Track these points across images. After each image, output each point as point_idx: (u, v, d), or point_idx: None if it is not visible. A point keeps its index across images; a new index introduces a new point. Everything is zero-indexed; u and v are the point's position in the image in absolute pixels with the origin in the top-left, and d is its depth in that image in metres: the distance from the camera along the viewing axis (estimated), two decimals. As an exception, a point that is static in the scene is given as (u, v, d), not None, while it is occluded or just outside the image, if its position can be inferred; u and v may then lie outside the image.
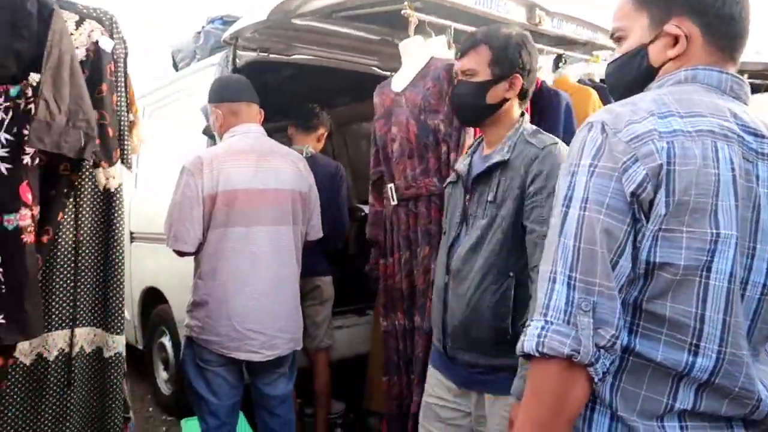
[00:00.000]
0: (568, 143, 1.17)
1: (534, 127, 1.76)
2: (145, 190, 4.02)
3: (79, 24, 1.72)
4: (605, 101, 2.70)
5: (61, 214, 1.90)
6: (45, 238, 1.86)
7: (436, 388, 1.81)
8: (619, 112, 0.97)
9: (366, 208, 3.98)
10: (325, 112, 3.26)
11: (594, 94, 2.69)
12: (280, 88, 3.84)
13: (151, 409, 3.92)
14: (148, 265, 3.87)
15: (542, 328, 0.93)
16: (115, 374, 2.10)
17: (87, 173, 1.98)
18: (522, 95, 1.76)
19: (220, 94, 2.41)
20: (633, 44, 1.09)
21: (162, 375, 3.86)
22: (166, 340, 3.71)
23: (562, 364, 0.91)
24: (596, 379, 0.92)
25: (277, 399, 2.40)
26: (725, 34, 1.04)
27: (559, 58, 2.92)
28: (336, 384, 3.22)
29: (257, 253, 2.26)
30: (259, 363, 2.30)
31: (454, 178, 1.86)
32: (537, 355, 0.93)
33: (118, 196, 2.05)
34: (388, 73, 3.49)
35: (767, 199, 0.97)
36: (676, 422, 0.96)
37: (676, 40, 1.04)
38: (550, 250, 0.97)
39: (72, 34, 1.64)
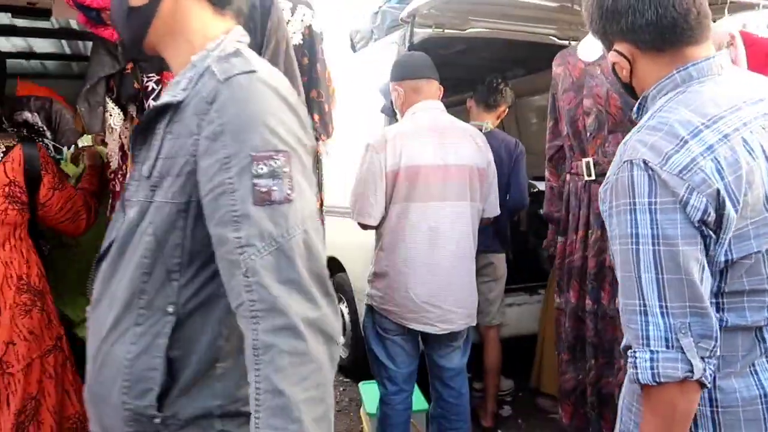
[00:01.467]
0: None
1: (240, 44, 1.07)
2: (338, 163, 4.26)
3: (293, 11, 1.87)
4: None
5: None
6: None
7: None
8: (653, 143, 1.03)
9: (538, 184, 3.88)
10: (509, 87, 3.17)
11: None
12: (453, 63, 3.83)
13: (329, 370, 4.21)
14: (331, 236, 4.11)
15: (651, 359, 1.01)
16: None
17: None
18: None
19: (402, 71, 2.47)
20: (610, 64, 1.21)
21: (339, 340, 4.12)
22: (343, 307, 3.95)
23: (681, 386, 1.00)
24: (707, 383, 1.02)
25: (452, 371, 2.45)
26: (664, 37, 1.10)
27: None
28: (505, 361, 3.20)
29: (436, 228, 2.29)
30: (434, 335, 2.36)
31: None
32: (654, 384, 1.00)
33: (322, 163, 2.20)
34: (567, 42, 3.33)
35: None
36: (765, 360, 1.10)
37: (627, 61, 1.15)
38: (630, 285, 1.03)
39: (288, 21, 1.79)
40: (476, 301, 2.44)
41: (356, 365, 3.82)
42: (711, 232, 1.01)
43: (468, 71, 3.91)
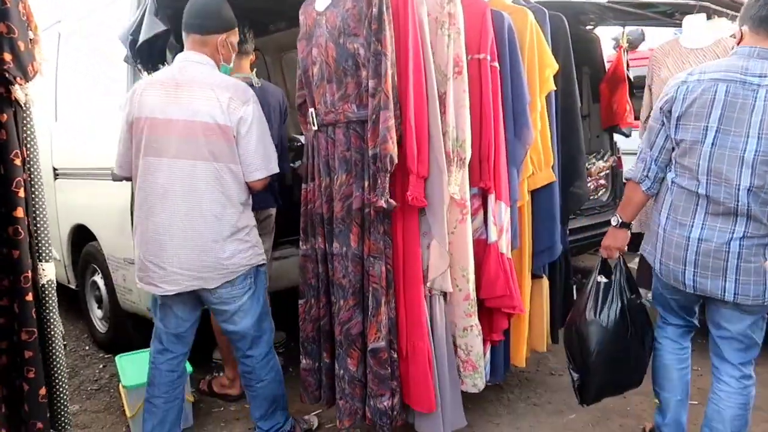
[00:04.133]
0: (513, 62, 2.38)
1: None
2: (67, 124, 3.78)
3: None
4: (542, 25, 2.65)
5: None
6: None
7: None
8: (681, 73, 2.13)
9: (302, 138, 3.89)
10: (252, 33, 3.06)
11: (530, 15, 2.63)
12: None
13: (87, 347, 3.84)
14: (76, 202, 3.70)
15: (631, 169, 2.25)
16: (50, 302, 2.02)
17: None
18: None
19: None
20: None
21: (97, 313, 3.77)
22: (99, 278, 3.60)
23: (632, 183, 2.25)
24: (644, 189, 2.20)
25: (235, 335, 2.41)
26: (760, 27, 1.98)
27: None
28: (277, 314, 3.20)
29: (165, 185, 2.18)
30: (208, 297, 2.29)
31: None
32: (626, 179, 2.29)
33: (30, 113, 1.92)
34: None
35: (761, 107, 1.90)
36: (701, 214, 2.04)
37: (740, 35, 2.05)
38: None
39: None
40: (219, 266, 2.24)
41: (115, 339, 3.53)
42: (665, 119, 2.10)
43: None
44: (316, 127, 2.30)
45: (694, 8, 3.48)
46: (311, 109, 2.30)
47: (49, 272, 2.02)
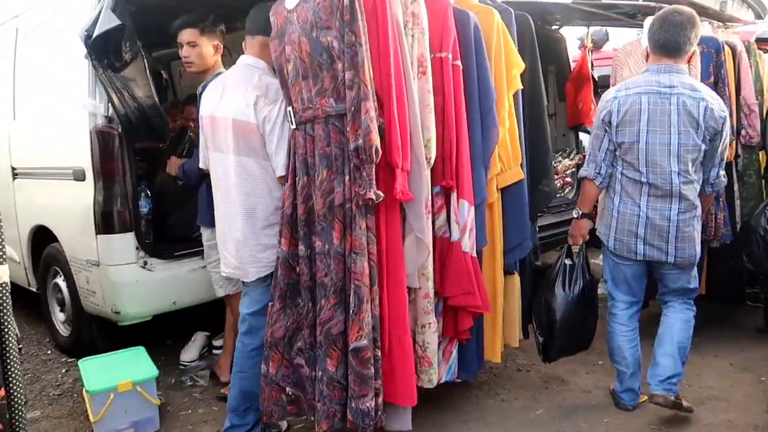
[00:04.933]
0: (479, 60, 2.46)
1: None
2: (27, 122, 3.67)
3: None
4: (508, 24, 2.68)
5: None
6: None
7: None
8: (611, 90, 2.75)
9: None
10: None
11: (497, 14, 2.65)
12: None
13: (49, 352, 3.74)
14: (36, 203, 3.60)
15: (584, 169, 2.75)
16: (4, 304, 1.97)
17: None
18: None
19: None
20: None
21: (59, 316, 3.67)
22: (60, 281, 3.50)
23: (587, 180, 2.73)
24: (597, 184, 2.68)
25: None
26: (657, 50, 2.59)
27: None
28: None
29: (220, 178, 2.46)
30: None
31: None
32: (581, 177, 2.81)
33: None
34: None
35: (675, 110, 2.51)
36: (645, 198, 2.59)
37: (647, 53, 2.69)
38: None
39: None
40: (253, 257, 2.40)
41: (78, 343, 3.45)
42: (606, 127, 2.63)
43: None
44: (294, 126, 2.27)
45: (655, 10, 3.56)
46: (288, 108, 2.26)
47: (3, 275, 1.97)
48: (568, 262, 2.79)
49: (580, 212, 2.79)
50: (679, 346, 2.69)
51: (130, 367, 2.79)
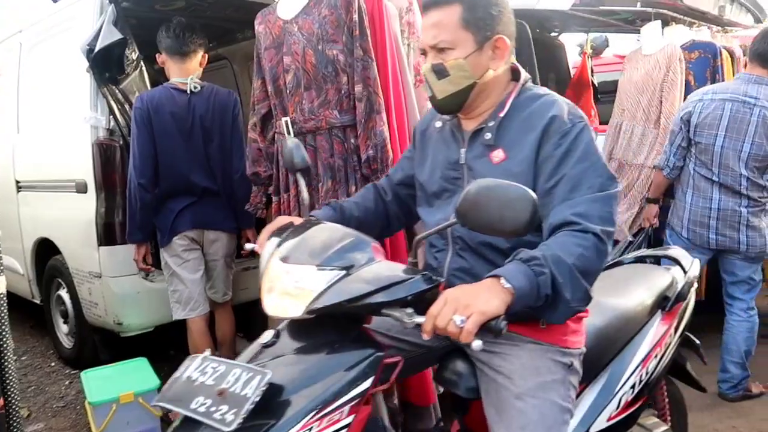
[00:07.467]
0: None
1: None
2: (30, 135, 3.70)
3: None
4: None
5: None
6: None
7: None
8: (698, 91, 3.00)
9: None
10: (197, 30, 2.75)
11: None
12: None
13: (53, 364, 3.75)
14: (39, 215, 3.62)
15: (659, 159, 3.13)
16: (2, 315, 1.99)
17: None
18: None
19: None
20: None
21: (62, 328, 3.68)
22: (64, 293, 3.52)
23: (658, 170, 3.11)
24: (665, 174, 3.04)
25: None
26: (753, 60, 2.82)
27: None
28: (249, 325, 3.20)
29: None
30: None
31: None
32: (655, 166, 3.23)
33: None
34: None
35: (755, 120, 2.74)
36: (717, 193, 2.87)
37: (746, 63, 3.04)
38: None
39: None
40: None
41: (81, 355, 3.46)
42: (683, 126, 2.90)
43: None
44: (292, 136, 2.27)
45: (653, 16, 3.57)
46: (284, 119, 2.26)
47: (0, 286, 2.00)
48: (631, 238, 3.33)
49: (647, 197, 3.27)
50: (746, 352, 2.93)
51: (132, 379, 2.79)
